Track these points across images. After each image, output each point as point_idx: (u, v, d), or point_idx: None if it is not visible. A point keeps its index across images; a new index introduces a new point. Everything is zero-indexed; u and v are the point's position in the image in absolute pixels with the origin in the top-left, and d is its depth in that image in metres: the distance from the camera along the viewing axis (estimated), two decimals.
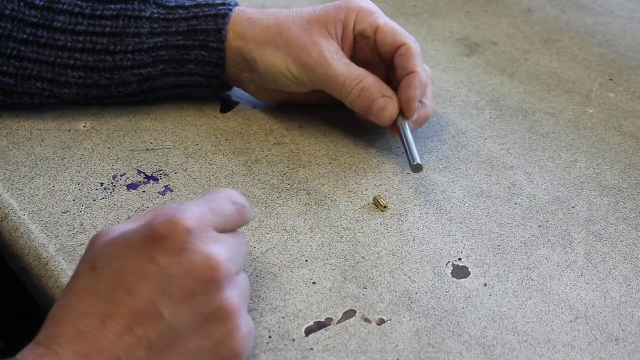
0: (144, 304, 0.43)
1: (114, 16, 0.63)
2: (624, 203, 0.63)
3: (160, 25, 0.64)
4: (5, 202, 0.59)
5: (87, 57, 0.63)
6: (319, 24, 0.63)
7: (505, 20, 0.86)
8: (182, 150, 0.65)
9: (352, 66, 0.63)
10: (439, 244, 0.58)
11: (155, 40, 0.64)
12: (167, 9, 0.64)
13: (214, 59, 0.65)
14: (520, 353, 0.51)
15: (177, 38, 0.64)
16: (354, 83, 0.63)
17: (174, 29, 0.64)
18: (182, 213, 0.44)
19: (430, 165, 0.65)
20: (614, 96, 0.75)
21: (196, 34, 0.64)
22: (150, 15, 0.63)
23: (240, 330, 0.45)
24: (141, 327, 0.42)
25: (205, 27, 0.64)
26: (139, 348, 0.42)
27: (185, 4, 0.65)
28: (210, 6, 0.65)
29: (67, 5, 0.63)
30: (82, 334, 0.42)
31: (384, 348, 0.51)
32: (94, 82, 0.64)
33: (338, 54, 0.63)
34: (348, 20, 0.64)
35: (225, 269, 0.44)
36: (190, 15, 0.64)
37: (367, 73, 0.63)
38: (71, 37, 0.63)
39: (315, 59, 0.63)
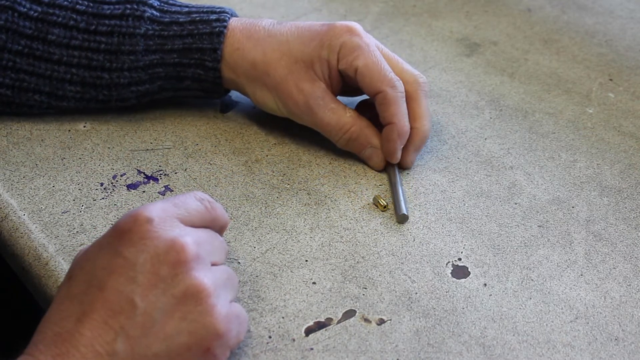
0: (115, 296, 0.43)
1: (108, 32, 0.62)
2: (624, 203, 0.63)
3: (155, 42, 0.63)
4: (5, 202, 0.59)
5: (83, 72, 0.63)
6: (305, 65, 0.61)
7: (505, 20, 0.86)
8: (182, 150, 0.65)
9: (339, 113, 0.62)
10: (439, 244, 0.58)
11: (151, 57, 0.63)
12: (162, 25, 0.63)
13: (210, 77, 0.64)
14: (520, 353, 0.51)
15: (172, 56, 0.63)
16: (341, 133, 0.62)
17: (170, 47, 0.63)
18: (144, 207, 0.46)
19: (430, 165, 0.65)
20: (614, 96, 0.75)
21: (192, 52, 0.63)
22: (145, 32, 0.62)
23: (217, 308, 0.45)
24: (116, 319, 0.43)
25: (201, 46, 0.63)
26: (116, 340, 0.43)
27: (180, 20, 0.63)
28: (205, 23, 0.63)
29: (62, 18, 0.62)
30: (60, 336, 0.43)
31: (384, 348, 0.51)
32: (92, 97, 0.64)
33: (325, 99, 0.62)
34: (331, 58, 0.61)
35: (192, 250, 0.45)
36: (185, 33, 0.63)
37: (354, 120, 0.62)
38: (67, 51, 0.62)
39: (302, 108, 0.62)
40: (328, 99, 0.62)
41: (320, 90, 0.62)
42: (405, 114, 0.62)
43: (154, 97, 0.65)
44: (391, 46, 0.80)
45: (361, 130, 0.62)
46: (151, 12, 0.63)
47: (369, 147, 0.63)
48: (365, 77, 0.61)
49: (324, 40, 0.61)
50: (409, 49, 0.80)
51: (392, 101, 0.61)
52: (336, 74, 0.62)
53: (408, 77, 0.63)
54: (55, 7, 0.63)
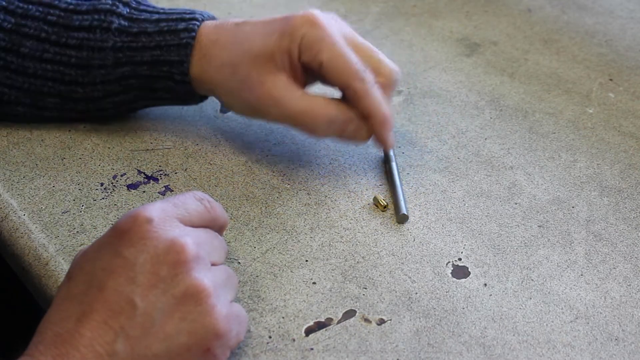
0: (115, 297, 0.43)
1: (78, 46, 0.61)
2: (624, 203, 0.63)
3: (125, 54, 0.61)
4: (5, 202, 0.59)
5: (59, 86, 0.62)
6: (266, 59, 0.58)
7: (505, 20, 0.86)
8: (182, 150, 0.65)
9: (308, 98, 0.59)
10: (439, 244, 0.58)
11: (122, 70, 0.61)
12: (130, 37, 0.61)
13: (181, 90, 0.62)
14: (521, 353, 0.51)
15: (143, 68, 0.61)
16: (317, 118, 0.58)
17: (139, 59, 0.61)
18: (143, 207, 0.46)
19: (430, 166, 0.65)
20: (614, 96, 0.75)
21: (161, 65, 0.61)
22: (114, 45, 0.61)
23: (217, 309, 0.45)
24: (116, 319, 0.43)
25: (169, 59, 0.61)
26: (116, 340, 0.43)
27: (149, 30, 0.61)
28: (173, 34, 0.61)
29: (34, 29, 0.61)
30: (60, 337, 0.43)
31: (384, 348, 0.51)
32: (71, 108, 0.64)
33: (289, 88, 0.58)
34: (292, 51, 0.58)
35: (192, 251, 0.45)
36: (153, 45, 0.61)
37: (326, 101, 0.59)
38: (40, 65, 0.61)
39: (268, 102, 0.59)
40: (293, 88, 0.59)
41: (283, 82, 0.58)
42: (381, 100, 0.58)
43: (131, 106, 0.65)
44: (391, 46, 0.80)
45: (337, 109, 0.59)
46: (119, 22, 0.61)
47: (349, 124, 0.59)
48: (330, 72, 0.58)
49: (283, 32, 0.58)
50: (409, 49, 0.80)
51: (363, 95, 0.58)
52: (298, 67, 0.59)
53: (384, 68, 0.60)
54: (28, 19, 0.61)
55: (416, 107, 0.72)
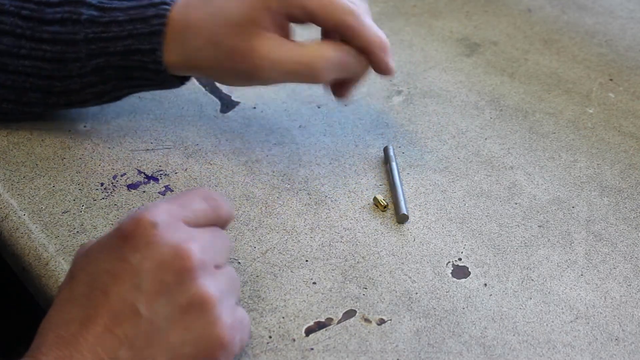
0: (119, 303, 0.43)
1: (52, 40, 0.60)
2: (624, 203, 0.63)
3: (97, 46, 0.60)
4: (5, 202, 0.59)
5: (37, 81, 0.61)
6: (247, 23, 0.57)
7: (505, 20, 0.86)
8: (182, 150, 0.65)
9: (302, 47, 0.58)
10: (439, 244, 0.58)
11: (97, 61, 0.61)
12: (101, 27, 0.60)
13: (156, 77, 0.62)
14: (521, 353, 0.51)
15: (116, 58, 0.60)
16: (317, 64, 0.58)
17: (112, 49, 0.60)
18: (148, 209, 0.45)
19: (430, 166, 0.65)
20: (614, 96, 0.75)
21: (133, 54, 0.60)
22: (85, 37, 0.60)
23: (222, 319, 0.44)
24: (120, 327, 0.42)
25: (140, 47, 0.59)
26: (120, 348, 0.42)
27: (119, 19, 0.60)
28: (143, 22, 0.59)
29: (9, 25, 0.60)
30: (63, 339, 0.42)
31: (384, 348, 0.51)
32: (54, 102, 0.63)
33: (280, 45, 0.57)
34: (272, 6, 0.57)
35: (197, 258, 0.44)
36: (124, 34, 0.60)
37: (320, 46, 0.58)
38: (18, 61, 0.61)
39: (262, 66, 0.58)
40: (284, 43, 0.58)
41: (272, 40, 0.57)
42: (375, 27, 0.58)
43: (112, 94, 0.64)
44: (391, 46, 0.80)
45: (333, 49, 0.58)
46: (89, 13, 0.60)
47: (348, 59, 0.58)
48: (320, 15, 0.57)
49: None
50: (409, 49, 0.80)
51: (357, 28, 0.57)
52: (283, 20, 0.58)
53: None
54: (3, 14, 0.61)
55: (416, 107, 0.72)
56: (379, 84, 0.74)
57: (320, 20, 0.58)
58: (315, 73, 0.58)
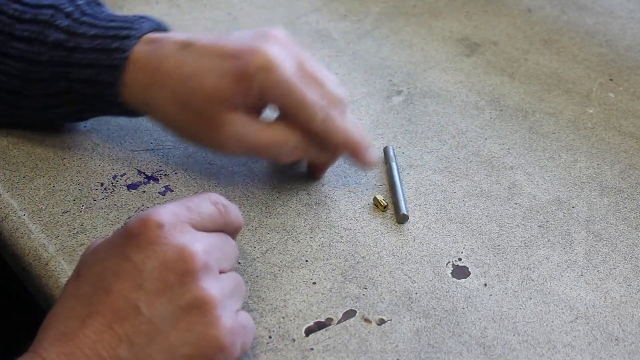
0: (121, 301, 0.43)
1: (18, 57, 0.59)
2: (624, 203, 0.63)
3: (62, 70, 0.59)
4: (5, 203, 0.59)
5: (4, 95, 0.61)
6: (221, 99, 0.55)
7: (505, 20, 0.86)
8: (183, 150, 0.65)
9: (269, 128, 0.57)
10: (439, 244, 0.58)
11: (60, 85, 0.59)
12: (66, 51, 0.58)
13: (116, 110, 0.61)
14: (521, 353, 0.51)
15: (78, 85, 0.59)
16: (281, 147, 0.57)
17: (75, 76, 0.59)
18: (155, 211, 0.45)
19: (430, 166, 0.65)
20: (614, 96, 0.75)
21: (93, 84, 0.58)
22: (50, 59, 0.59)
23: (222, 321, 0.44)
24: (121, 325, 0.43)
25: (101, 79, 0.58)
26: (120, 346, 0.42)
27: (83, 46, 0.58)
28: (106, 52, 0.58)
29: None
30: (65, 335, 0.43)
31: (384, 348, 0.51)
32: (19, 115, 0.62)
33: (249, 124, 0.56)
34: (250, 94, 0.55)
35: (201, 260, 0.44)
36: (86, 62, 0.58)
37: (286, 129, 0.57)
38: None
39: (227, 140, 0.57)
40: (253, 123, 0.57)
41: (242, 119, 0.56)
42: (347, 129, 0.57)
43: (79, 116, 0.63)
44: (391, 46, 0.80)
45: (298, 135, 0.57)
46: (56, 36, 0.59)
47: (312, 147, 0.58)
48: (290, 115, 0.57)
49: (238, 76, 0.55)
50: (409, 49, 0.80)
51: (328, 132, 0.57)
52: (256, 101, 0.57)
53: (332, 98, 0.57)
54: None
55: (416, 107, 0.72)
56: (378, 84, 0.74)
57: (291, 119, 0.57)
58: (277, 156, 0.58)
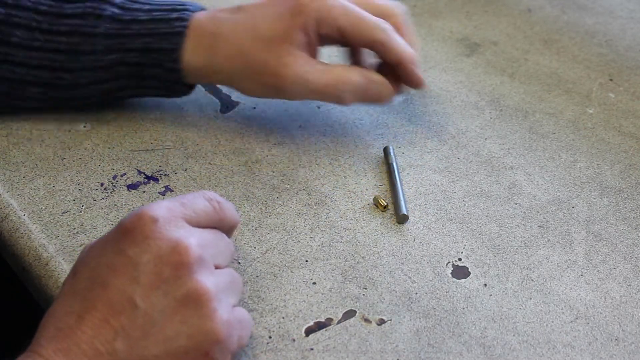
0: (117, 295, 0.43)
1: (69, 32, 0.61)
2: (624, 203, 0.63)
3: (115, 41, 0.61)
4: (5, 203, 0.59)
5: (44, 73, 0.62)
6: (281, 40, 0.60)
7: (505, 20, 0.86)
8: (182, 150, 0.65)
9: (332, 69, 0.61)
10: (439, 244, 0.58)
11: (112, 57, 0.62)
12: (122, 24, 0.62)
13: (171, 78, 0.63)
14: (521, 353, 0.51)
15: (133, 55, 0.62)
16: (343, 86, 0.61)
17: (130, 46, 0.61)
18: (150, 206, 0.46)
19: (430, 166, 0.65)
20: (614, 96, 0.75)
21: (151, 52, 0.61)
22: (105, 32, 0.61)
23: (218, 314, 0.44)
24: (117, 318, 0.43)
25: (160, 46, 0.61)
26: (116, 339, 0.43)
27: (140, 18, 0.62)
28: (166, 22, 0.61)
29: (24, 19, 0.61)
30: (61, 331, 0.43)
31: (384, 348, 0.51)
32: (54, 96, 0.63)
33: (311, 63, 0.61)
34: (307, 26, 0.60)
35: (195, 253, 0.45)
36: (144, 32, 0.61)
37: (347, 69, 0.62)
38: (28, 53, 0.61)
39: (292, 82, 0.61)
40: (314, 63, 0.61)
41: (303, 59, 0.61)
42: (403, 43, 0.62)
43: (117, 94, 0.65)
44: None
45: (359, 74, 0.62)
46: (112, 10, 0.62)
47: (372, 85, 0.62)
48: (353, 34, 0.60)
49: (294, 11, 0.60)
50: None
51: (389, 44, 0.61)
52: (314, 39, 0.61)
53: (386, 10, 0.63)
54: (18, 9, 0.62)
55: (416, 107, 0.72)
56: None
57: (353, 38, 0.61)
58: (339, 94, 0.62)
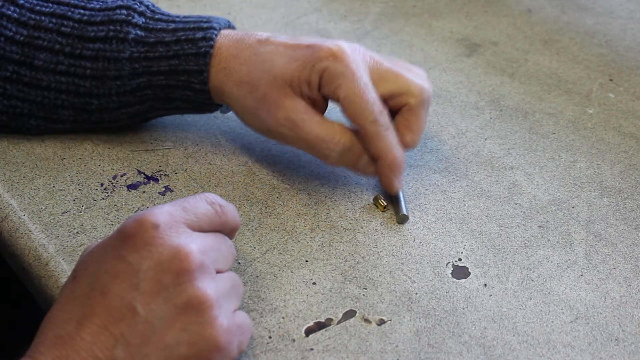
0: (117, 302, 0.43)
1: (93, 57, 0.60)
2: (624, 203, 0.63)
3: (141, 65, 0.61)
4: (5, 203, 0.59)
5: (73, 98, 0.61)
6: (285, 83, 0.58)
7: (505, 20, 0.86)
8: (182, 150, 0.65)
9: (327, 124, 0.58)
10: (439, 244, 0.58)
11: (138, 80, 0.61)
12: (147, 47, 0.61)
13: (199, 98, 0.62)
14: (521, 353, 0.51)
15: (159, 78, 0.61)
16: (332, 144, 0.58)
17: (156, 69, 0.61)
18: (151, 211, 0.45)
19: (430, 166, 0.65)
20: (614, 97, 0.75)
21: (178, 74, 0.61)
22: (130, 56, 0.60)
23: (219, 321, 0.44)
24: (116, 325, 0.43)
25: (187, 68, 0.60)
26: (116, 346, 0.42)
27: (166, 40, 0.61)
28: (191, 43, 0.60)
29: (48, 41, 0.60)
30: (61, 338, 0.43)
31: (384, 348, 0.51)
32: (85, 119, 0.63)
33: (308, 113, 0.58)
34: (313, 82, 0.58)
35: (196, 259, 0.44)
36: (171, 54, 0.60)
37: (344, 129, 0.58)
38: (54, 77, 0.61)
39: (283, 123, 0.58)
40: (312, 113, 0.58)
41: (302, 106, 0.58)
42: (392, 145, 0.58)
43: (145, 115, 0.64)
44: (391, 46, 0.80)
45: (352, 139, 0.58)
46: (135, 32, 0.60)
47: (364, 156, 0.59)
48: (346, 109, 0.58)
49: (306, 62, 0.58)
50: (409, 49, 0.80)
51: (373, 138, 0.58)
52: (319, 96, 0.59)
53: (413, 89, 0.59)
54: (41, 30, 0.61)
55: None
56: None
57: (346, 113, 0.58)
58: (327, 152, 0.58)
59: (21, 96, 0.61)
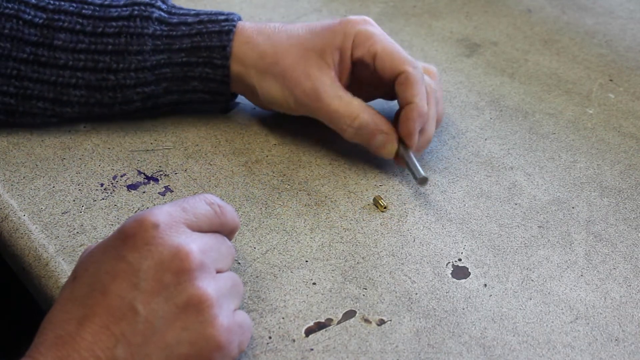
0: (118, 302, 0.43)
1: (116, 34, 0.62)
2: (624, 204, 0.63)
3: (163, 42, 0.63)
4: (5, 203, 0.59)
5: (89, 75, 0.62)
6: (315, 53, 0.61)
7: (505, 20, 0.86)
8: (182, 150, 0.65)
9: (347, 100, 0.61)
10: (439, 244, 0.58)
11: (159, 57, 0.63)
12: (170, 26, 0.63)
13: (218, 76, 0.64)
14: (521, 354, 0.51)
15: (180, 55, 0.63)
16: (349, 120, 0.61)
17: (177, 46, 0.63)
18: (151, 211, 0.46)
19: (430, 166, 0.65)
20: (614, 97, 0.75)
21: (200, 51, 0.63)
22: (153, 33, 0.62)
23: (219, 320, 0.44)
24: (117, 325, 0.43)
25: (209, 44, 0.63)
26: (117, 346, 0.42)
27: (188, 21, 0.63)
28: (214, 22, 0.63)
29: (68, 22, 0.62)
30: (61, 339, 0.43)
31: (384, 349, 0.51)
32: (96, 100, 0.64)
33: (333, 85, 0.61)
34: (345, 46, 0.62)
35: (196, 259, 0.44)
36: (193, 32, 0.63)
37: (363, 107, 0.61)
38: (72, 55, 0.62)
39: (308, 93, 0.61)
40: (336, 87, 0.61)
41: (329, 78, 0.61)
42: (424, 95, 0.61)
43: (158, 100, 0.65)
44: None
45: (371, 116, 0.61)
46: (159, 13, 0.63)
47: (380, 134, 0.61)
48: (385, 60, 0.61)
49: (337, 30, 0.62)
50: (409, 50, 0.80)
51: (414, 80, 0.61)
52: (347, 65, 0.62)
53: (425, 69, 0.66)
54: (61, 13, 0.62)
55: None
56: None
57: (384, 65, 0.61)
58: (343, 126, 0.62)
59: (35, 77, 0.62)
